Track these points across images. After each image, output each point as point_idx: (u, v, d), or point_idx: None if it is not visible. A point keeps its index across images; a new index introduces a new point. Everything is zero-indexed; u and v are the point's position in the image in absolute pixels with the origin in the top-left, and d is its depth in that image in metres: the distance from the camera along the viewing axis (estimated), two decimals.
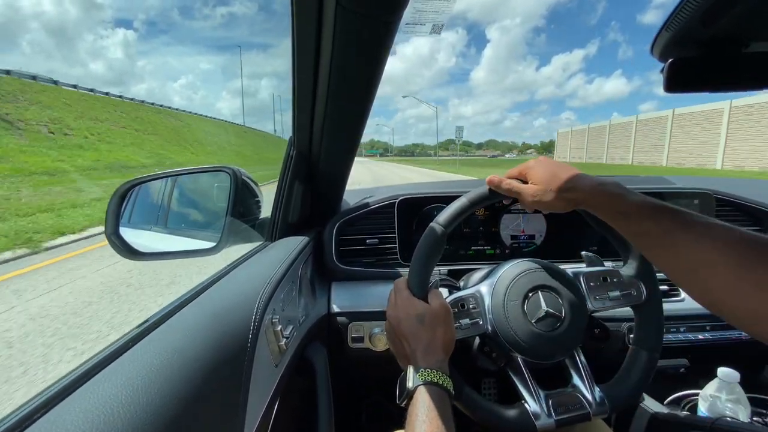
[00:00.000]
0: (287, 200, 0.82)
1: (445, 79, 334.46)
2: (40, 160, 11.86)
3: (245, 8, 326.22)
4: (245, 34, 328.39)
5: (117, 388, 0.29)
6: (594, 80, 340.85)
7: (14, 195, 8.46)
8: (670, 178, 1.21)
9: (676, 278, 0.48)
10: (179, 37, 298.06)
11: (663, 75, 0.47)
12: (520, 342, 0.61)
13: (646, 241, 0.50)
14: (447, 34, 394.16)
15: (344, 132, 0.72)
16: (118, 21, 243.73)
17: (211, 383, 0.36)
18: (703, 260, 0.43)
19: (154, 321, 0.41)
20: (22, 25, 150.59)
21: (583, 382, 0.64)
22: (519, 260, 0.69)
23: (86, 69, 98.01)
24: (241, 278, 0.59)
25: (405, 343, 0.54)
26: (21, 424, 0.25)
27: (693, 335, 0.94)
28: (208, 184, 0.96)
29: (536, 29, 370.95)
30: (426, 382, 0.48)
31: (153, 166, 14.19)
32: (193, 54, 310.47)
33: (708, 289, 0.43)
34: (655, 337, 0.65)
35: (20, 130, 13.50)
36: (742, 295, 0.40)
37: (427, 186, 1.08)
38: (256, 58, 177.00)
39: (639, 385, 0.64)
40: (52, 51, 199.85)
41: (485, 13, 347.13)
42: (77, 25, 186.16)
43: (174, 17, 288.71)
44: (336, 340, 0.91)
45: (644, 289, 0.66)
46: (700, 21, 0.40)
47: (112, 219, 0.73)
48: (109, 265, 4.19)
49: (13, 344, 2.51)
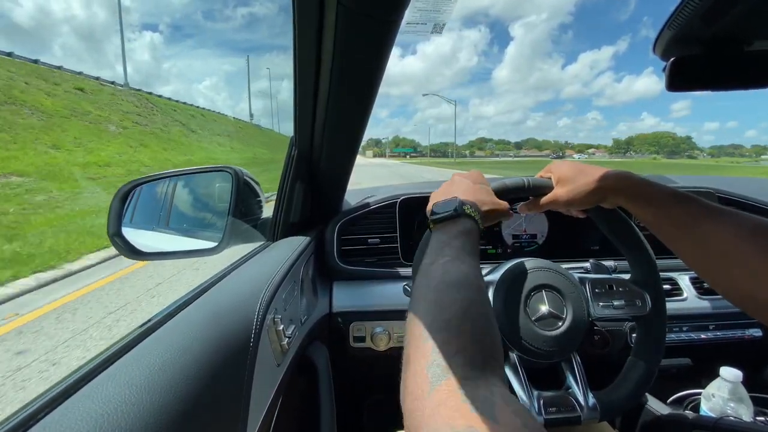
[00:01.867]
0: (289, 200, 0.82)
1: (467, 78, 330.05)
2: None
3: (266, 9, 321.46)
4: (265, 36, 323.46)
5: (120, 388, 0.29)
6: (623, 78, 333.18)
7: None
8: (672, 177, 1.21)
9: (701, 267, 0.48)
10: (201, 40, 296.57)
11: (665, 74, 0.47)
12: (517, 338, 0.61)
13: (672, 228, 0.50)
14: (469, 32, 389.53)
15: (345, 132, 0.72)
16: (145, 24, 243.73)
17: (214, 383, 0.36)
18: (729, 248, 0.43)
19: (156, 321, 0.41)
20: (53, 29, 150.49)
21: (578, 386, 0.63)
22: (526, 258, 0.69)
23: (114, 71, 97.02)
24: (242, 278, 0.59)
25: (454, 186, 0.58)
26: (25, 424, 0.25)
27: (696, 334, 0.93)
28: (209, 184, 0.96)
29: (563, 26, 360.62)
30: (462, 212, 0.50)
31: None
32: (210, 57, 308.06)
33: (732, 277, 0.43)
34: (654, 351, 0.65)
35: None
36: (765, 280, 0.39)
37: (427, 186, 1.08)
38: (276, 59, 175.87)
39: (633, 395, 0.63)
40: (83, 54, 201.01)
41: (509, 9, 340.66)
42: (106, 28, 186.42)
43: (198, 19, 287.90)
44: (338, 340, 0.91)
45: (649, 301, 0.65)
46: (702, 20, 0.40)
47: (115, 219, 0.73)
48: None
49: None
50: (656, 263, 0.65)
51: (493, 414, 0.24)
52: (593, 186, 0.56)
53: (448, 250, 0.43)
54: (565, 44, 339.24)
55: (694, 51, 0.45)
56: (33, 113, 12.94)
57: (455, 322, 0.33)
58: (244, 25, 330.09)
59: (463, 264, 0.40)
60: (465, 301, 0.35)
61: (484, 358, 0.30)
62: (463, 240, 0.45)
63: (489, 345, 0.32)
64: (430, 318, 0.34)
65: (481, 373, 0.29)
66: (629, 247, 0.66)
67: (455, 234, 0.46)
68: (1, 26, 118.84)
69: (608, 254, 1.01)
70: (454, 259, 0.41)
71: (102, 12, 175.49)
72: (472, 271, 0.40)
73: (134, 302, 3.33)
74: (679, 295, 0.95)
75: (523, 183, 0.62)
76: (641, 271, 0.66)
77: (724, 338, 0.93)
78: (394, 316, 0.91)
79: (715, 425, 0.74)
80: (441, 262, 0.41)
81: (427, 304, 0.36)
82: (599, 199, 0.57)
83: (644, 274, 0.66)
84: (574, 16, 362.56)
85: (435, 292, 0.37)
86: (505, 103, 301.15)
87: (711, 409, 0.79)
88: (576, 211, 0.65)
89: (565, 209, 0.63)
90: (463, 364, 0.29)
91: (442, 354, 0.30)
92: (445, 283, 0.37)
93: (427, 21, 0.52)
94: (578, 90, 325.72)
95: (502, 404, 0.25)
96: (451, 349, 0.30)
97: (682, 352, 0.96)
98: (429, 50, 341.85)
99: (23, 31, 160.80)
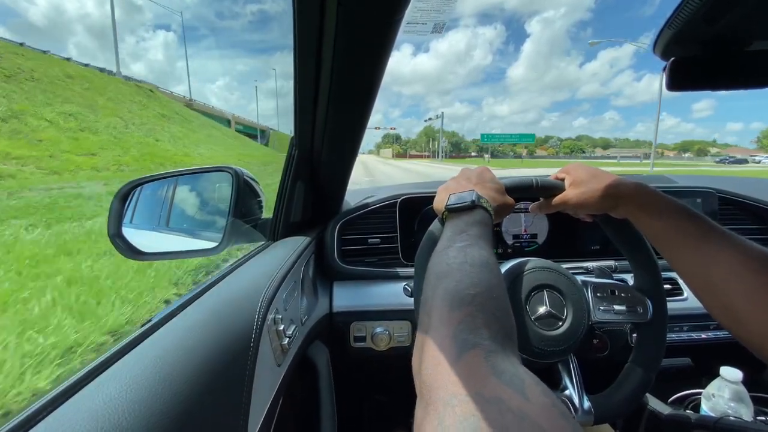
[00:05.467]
0: (289, 200, 0.83)
1: (480, 77, 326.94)
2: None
3: (265, 10, 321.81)
4: (264, 36, 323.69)
5: (122, 388, 0.29)
6: (643, 77, 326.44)
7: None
8: (673, 177, 1.21)
9: (699, 285, 0.48)
10: (216, 40, 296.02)
11: (665, 73, 0.47)
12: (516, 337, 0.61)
13: (679, 242, 0.50)
14: (484, 29, 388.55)
15: (346, 131, 0.72)
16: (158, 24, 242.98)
17: (215, 382, 0.36)
18: (733, 273, 0.43)
19: (157, 320, 0.41)
20: (67, 27, 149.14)
21: (574, 388, 0.63)
22: (529, 258, 0.69)
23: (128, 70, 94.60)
24: (243, 278, 0.59)
25: (466, 181, 0.58)
26: (27, 423, 0.25)
27: (696, 334, 0.93)
28: (210, 184, 0.96)
29: (582, 22, 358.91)
30: (479, 204, 0.50)
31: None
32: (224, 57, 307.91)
33: (729, 302, 0.43)
34: (653, 359, 0.64)
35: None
36: (763, 308, 0.40)
37: (427, 185, 1.08)
38: (279, 60, 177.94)
39: (629, 401, 0.63)
40: (96, 53, 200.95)
41: (526, 3, 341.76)
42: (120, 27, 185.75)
43: (212, 19, 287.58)
44: (338, 340, 0.91)
45: (650, 308, 0.65)
46: (703, 19, 0.40)
47: (115, 220, 0.74)
48: None
49: None
50: (661, 272, 0.65)
51: (523, 390, 0.24)
52: (606, 192, 0.56)
53: (465, 236, 0.44)
54: (584, 41, 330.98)
55: (694, 51, 0.45)
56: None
57: (480, 299, 0.33)
58: (246, 26, 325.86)
59: (483, 250, 0.41)
60: (490, 281, 0.36)
61: (505, 338, 0.30)
62: (479, 229, 0.46)
63: (509, 327, 0.33)
64: (455, 292, 0.34)
65: (503, 349, 0.29)
66: (634, 253, 0.65)
67: (471, 223, 0.47)
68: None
69: (609, 255, 1.01)
70: (473, 244, 0.42)
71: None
72: (492, 258, 0.40)
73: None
74: (680, 295, 0.95)
75: (533, 182, 0.63)
76: (645, 279, 0.66)
77: (724, 338, 0.93)
78: (394, 316, 0.91)
79: (715, 425, 0.74)
80: (460, 246, 0.41)
81: (451, 280, 0.36)
82: (610, 206, 0.57)
83: (648, 281, 0.66)
84: (594, 12, 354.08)
85: (459, 271, 0.37)
86: (519, 103, 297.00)
87: (711, 409, 0.79)
88: (584, 215, 0.65)
89: (574, 212, 0.64)
90: (489, 337, 0.29)
91: (470, 325, 0.30)
92: (468, 263, 0.38)
93: (427, 21, 0.52)
94: (596, 89, 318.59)
95: (531, 382, 0.25)
96: (478, 323, 0.30)
97: (682, 352, 0.96)
98: (442, 48, 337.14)
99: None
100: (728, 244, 0.45)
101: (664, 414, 0.83)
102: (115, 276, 3.11)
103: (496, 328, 0.31)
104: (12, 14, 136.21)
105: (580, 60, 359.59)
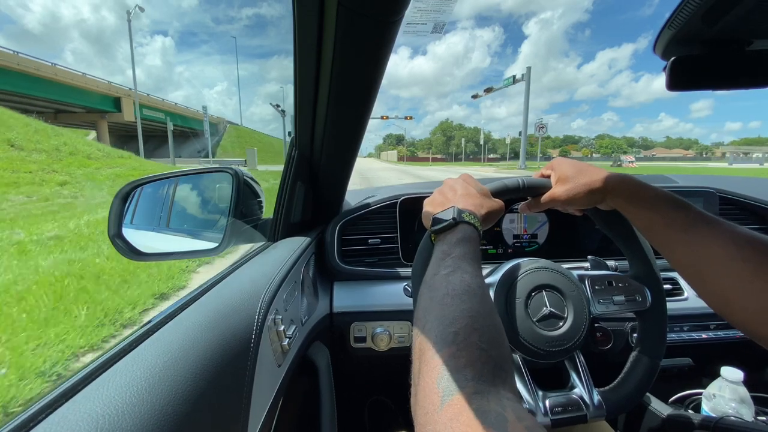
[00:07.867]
0: (289, 200, 0.83)
1: (478, 79, 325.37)
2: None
3: (274, 10, 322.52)
4: (264, 36, 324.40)
5: (121, 389, 0.29)
6: (641, 77, 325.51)
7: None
8: (673, 177, 1.21)
9: (690, 272, 0.48)
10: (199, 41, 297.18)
11: (665, 73, 0.47)
12: (520, 340, 0.61)
13: (667, 231, 0.50)
14: (481, 31, 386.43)
15: (346, 132, 0.72)
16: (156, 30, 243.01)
17: (215, 383, 0.36)
18: (722, 257, 0.43)
19: (157, 321, 0.41)
20: (64, 33, 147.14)
21: (582, 384, 0.64)
22: (526, 258, 0.69)
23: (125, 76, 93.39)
24: (243, 278, 0.59)
25: (450, 193, 0.57)
26: (26, 425, 0.25)
27: (696, 334, 0.93)
28: (210, 185, 0.96)
29: (580, 24, 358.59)
30: (461, 220, 0.50)
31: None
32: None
33: (720, 286, 0.44)
34: (657, 345, 0.65)
35: None
36: (755, 293, 0.40)
37: (427, 186, 1.08)
38: (279, 63, 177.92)
39: (638, 391, 0.64)
40: (93, 59, 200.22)
41: (522, 4, 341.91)
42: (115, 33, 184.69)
43: (208, 23, 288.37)
44: (338, 340, 0.91)
45: (649, 296, 0.65)
46: (703, 19, 0.40)
47: (115, 220, 0.74)
48: None
49: None
50: (654, 257, 0.65)
51: (506, 431, 0.24)
52: (593, 186, 0.57)
53: (449, 260, 0.43)
54: (582, 42, 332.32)
55: (695, 51, 0.45)
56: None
57: (462, 335, 0.32)
58: (248, 27, 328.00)
59: (465, 273, 0.41)
60: (471, 312, 0.35)
61: (494, 370, 0.30)
62: (463, 248, 0.46)
63: (497, 356, 0.32)
64: (437, 332, 0.34)
65: (491, 386, 0.28)
66: (626, 243, 0.66)
67: (455, 242, 0.47)
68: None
69: (609, 254, 1.01)
70: (456, 269, 0.41)
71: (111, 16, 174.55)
72: (475, 281, 0.40)
73: None
74: (680, 295, 0.95)
75: (519, 183, 0.63)
76: (640, 267, 0.67)
77: (725, 338, 0.93)
78: (394, 317, 0.91)
79: (716, 425, 0.74)
80: (443, 274, 0.41)
81: (433, 318, 0.36)
82: (598, 200, 0.58)
83: (643, 268, 0.66)
84: (592, 13, 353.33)
85: (440, 305, 0.37)
86: (517, 105, 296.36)
87: (712, 409, 0.79)
88: (574, 210, 0.65)
89: (563, 208, 0.64)
90: (473, 377, 0.29)
91: (452, 368, 0.30)
92: (449, 295, 0.37)
93: (427, 21, 0.52)
94: (594, 90, 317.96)
95: (514, 420, 0.25)
96: (460, 363, 0.30)
97: (683, 351, 0.96)
98: (439, 51, 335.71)
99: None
100: (717, 231, 0.45)
101: (664, 414, 0.83)
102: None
103: (482, 363, 0.30)
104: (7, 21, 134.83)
105: (578, 61, 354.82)
